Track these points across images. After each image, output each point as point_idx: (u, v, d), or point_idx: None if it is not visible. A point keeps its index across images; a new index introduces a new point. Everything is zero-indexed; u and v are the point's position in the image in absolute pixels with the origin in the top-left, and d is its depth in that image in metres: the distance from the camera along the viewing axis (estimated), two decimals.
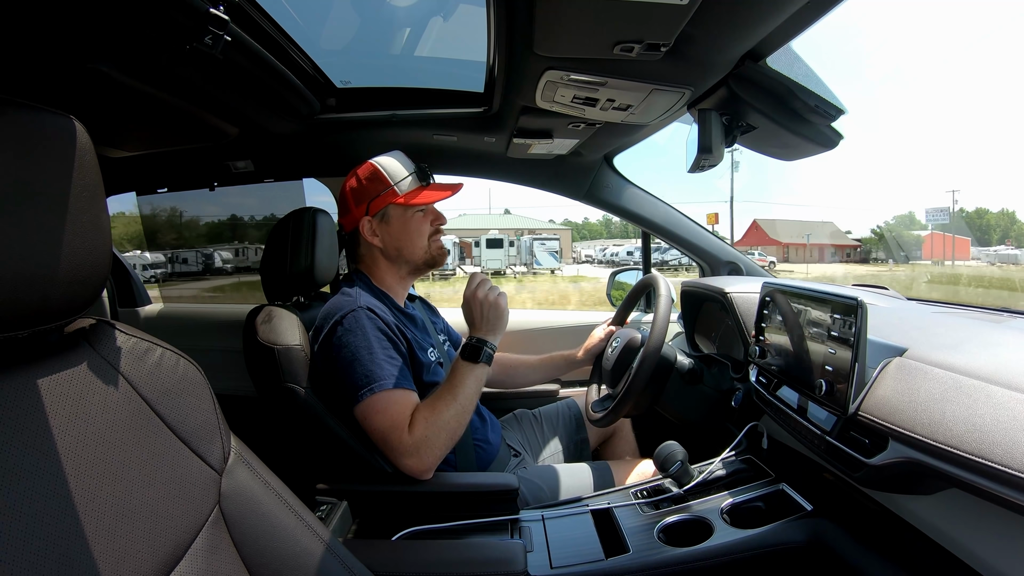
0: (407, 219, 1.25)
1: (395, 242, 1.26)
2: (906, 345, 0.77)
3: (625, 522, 0.99)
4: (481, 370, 1.11)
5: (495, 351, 1.13)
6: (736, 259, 1.85)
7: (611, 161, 1.82)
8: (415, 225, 1.26)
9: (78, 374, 0.50)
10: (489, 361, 1.12)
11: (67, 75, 1.06)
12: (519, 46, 0.99)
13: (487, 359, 1.11)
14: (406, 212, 1.25)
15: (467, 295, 1.16)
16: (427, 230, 1.27)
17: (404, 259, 1.27)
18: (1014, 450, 0.53)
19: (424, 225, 1.27)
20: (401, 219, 1.25)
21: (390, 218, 1.26)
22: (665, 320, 1.20)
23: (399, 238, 1.26)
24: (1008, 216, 43.18)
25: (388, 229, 1.26)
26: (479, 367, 1.10)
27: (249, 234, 9.69)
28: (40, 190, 0.45)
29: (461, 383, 1.08)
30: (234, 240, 13.84)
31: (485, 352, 1.11)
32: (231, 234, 11.70)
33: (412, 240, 1.26)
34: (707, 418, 1.28)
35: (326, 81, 1.41)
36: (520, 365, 1.60)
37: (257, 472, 0.66)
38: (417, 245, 1.27)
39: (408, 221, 1.25)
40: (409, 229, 1.26)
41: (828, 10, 0.83)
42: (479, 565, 0.86)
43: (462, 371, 1.09)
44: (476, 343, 1.11)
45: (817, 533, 0.90)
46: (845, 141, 1.16)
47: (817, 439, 0.82)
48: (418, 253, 1.27)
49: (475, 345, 1.11)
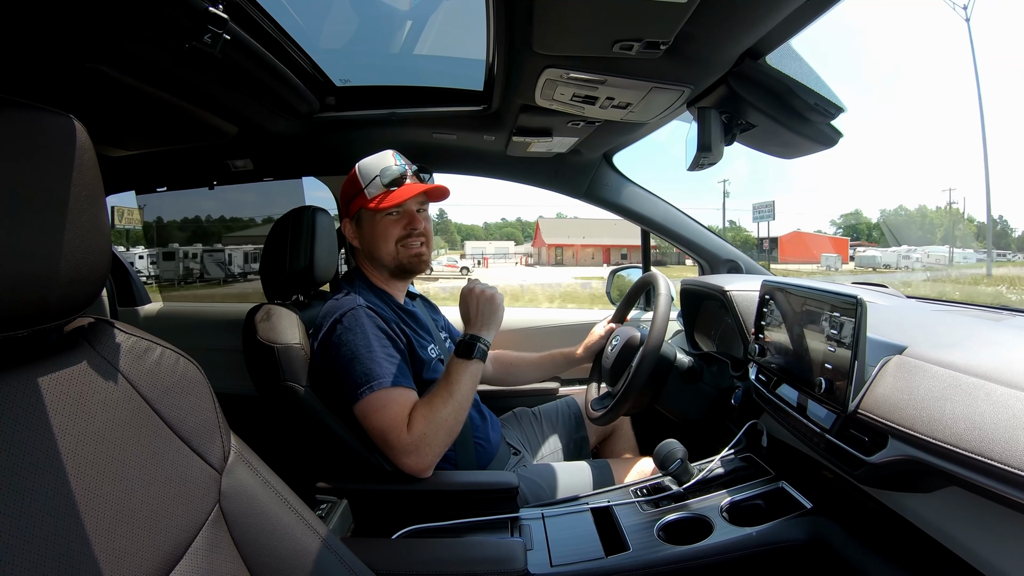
0: (375, 223, 1.24)
1: (367, 246, 1.26)
2: (906, 343, 0.77)
3: (625, 520, 0.99)
4: (476, 366, 1.12)
5: (489, 347, 1.15)
6: (736, 257, 1.85)
7: (611, 159, 1.82)
8: (381, 229, 1.23)
9: (78, 373, 0.50)
10: (483, 357, 1.13)
11: (67, 74, 1.06)
12: (518, 44, 0.99)
13: (481, 355, 1.13)
14: (375, 216, 1.23)
15: (464, 291, 1.19)
16: (395, 234, 1.23)
17: (379, 262, 1.26)
18: (1013, 448, 0.53)
19: (392, 229, 1.23)
20: (370, 223, 1.24)
21: (362, 221, 1.26)
22: (665, 318, 1.20)
23: (370, 242, 1.25)
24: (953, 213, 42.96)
25: (362, 232, 1.27)
26: (474, 363, 1.11)
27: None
28: (40, 189, 0.45)
29: (457, 379, 1.09)
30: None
31: (479, 348, 1.12)
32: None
33: (378, 244, 1.24)
34: (707, 416, 1.28)
35: (325, 80, 1.41)
36: (520, 363, 1.60)
37: (257, 471, 0.66)
38: (383, 249, 1.24)
39: (376, 225, 1.24)
40: (375, 233, 1.24)
41: (827, 8, 0.83)
42: (479, 563, 0.86)
43: (457, 368, 1.10)
44: (470, 339, 1.13)
45: (817, 531, 0.90)
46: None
47: (817, 437, 0.82)
48: (386, 258, 1.25)
49: (469, 342, 1.13)
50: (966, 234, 41.11)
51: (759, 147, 1.28)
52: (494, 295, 1.18)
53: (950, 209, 39.29)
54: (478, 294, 1.17)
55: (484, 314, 1.16)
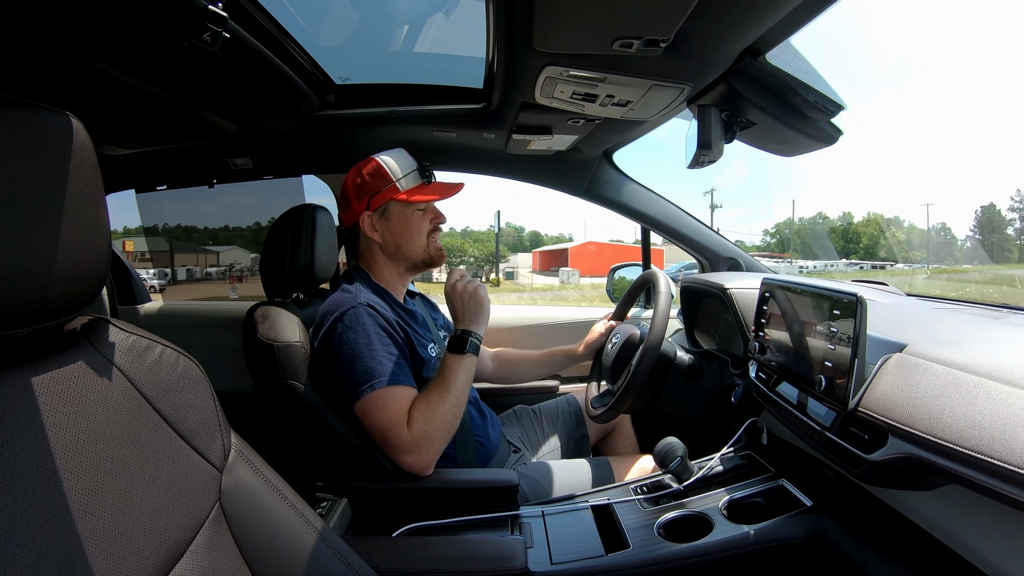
0: (407, 216, 1.26)
1: (394, 238, 1.27)
2: (906, 341, 0.77)
3: (625, 518, 0.99)
4: (469, 360, 1.13)
5: (481, 340, 1.16)
6: (736, 255, 1.85)
7: (611, 157, 1.81)
8: (415, 223, 1.27)
9: (78, 372, 0.50)
10: (476, 351, 1.14)
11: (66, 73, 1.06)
12: (518, 42, 0.99)
13: (474, 349, 1.14)
14: (406, 209, 1.26)
15: (447, 290, 1.21)
16: (426, 228, 1.28)
17: (403, 256, 1.28)
18: (1013, 446, 0.53)
19: (423, 223, 1.28)
20: (401, 216, 1.26)
21: (390, 214, 1.26)
22: (665, 316, 1.20)
23: (398, 235, 1.26)
24: (875, 222, 42.24)
25: (388, 225, 1.27)
26: (467, 357, 1.13)
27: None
28: (39, 188, 0.45)
29: (452, 375, 1.10)
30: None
31: (471, 342, 1.14)
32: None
33: (411, 237, 1.27)
34: (707, 414, 1.28)
35: (325, 78, 1.41)
36: (520, 360, 1.60)
37: (257, 469, 0.66)
38: (416, 243, 1.27)
39: (408, 218, 1.26)
40: (409, 226, 1.26)
41: (828, 6, 0.83)
42: (480, 561, 0.86)
43: (451, 363, 1.11)
44: (461, 334, 1.14)
45: (817, 529, 0.90)
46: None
47: (817, 435, 0.82)
48: (416, 251, 1.28)
49: (460, 336, 1.14)
50: (894, 244, 40.19)
51: (759, 145, 1.28)
52: (477, 288, 1.20)
53: (872, 218, 38.62)
54: (461, 290, 1.19)
55: (470, 308, 1.18)
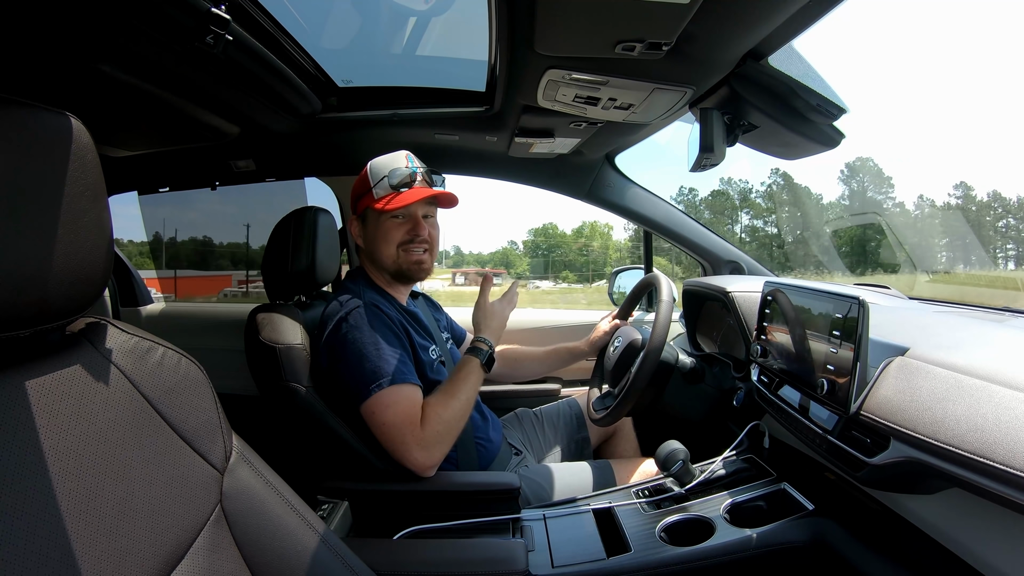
0: (379, 223, 1.22)
1: (369, 245, 1.26)
2: (908, 344, 0.77)
3: (627, 521, 0.99)
4: (482, 370, 1.17)
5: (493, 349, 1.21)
6: (738, 258, 1.85)
7: (613, 160, 1.82)
8: (384, 231, 1.22)
9: (79, 373, 0.50)
10: (491, 363, 1.19)
11: (70, 75, 1.07)
12: (521, 45, 0.99)
13: (490, 360, 1.19)
14: (380, 216, 1.22)
15: (480, 301, 1.26)
16: (397, 237, 1.22)
17: (378, 263, 1.26)
18: (1016, 449, 0.53)
19: (395, 232, 1.22)
20: (375, 223, 1.23)
21: (368, 221, 1.25)
22: (666, 320, 1.19)
23: (372, 242, 1.25)
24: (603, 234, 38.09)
25: (366, 232, 1.26)
26: (482, 368, 1.17)
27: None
28: (41, 189, 0.45)
29: (466, 379, 1.13)
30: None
31: (487, 353, 1.18)
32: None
33: (379, 246, 1.23)
34: (709, 417, 1.28)
35: (327, 80, 1.41)
36: (525, 358, 1.60)
37: (259, 471, 0.66)
38: (384, 252, 1.23)
39: (380, 226, 1.22)
40: (378, 234, 1.23)
41: (829, 9, 0.83)
42: (481, 564, 0.86)
43: (468, 367, 1.15)
44: (484, 343, 1.20)
45: (819, 533, 0.89)
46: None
47: (819, 438, 0.82)
48: (387, 260, 1.23)
49: (485, 350, 1.19)
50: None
51: (761, 148, 1.28)
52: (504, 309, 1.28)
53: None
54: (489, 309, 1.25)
55: (494, 329, 1.24)
